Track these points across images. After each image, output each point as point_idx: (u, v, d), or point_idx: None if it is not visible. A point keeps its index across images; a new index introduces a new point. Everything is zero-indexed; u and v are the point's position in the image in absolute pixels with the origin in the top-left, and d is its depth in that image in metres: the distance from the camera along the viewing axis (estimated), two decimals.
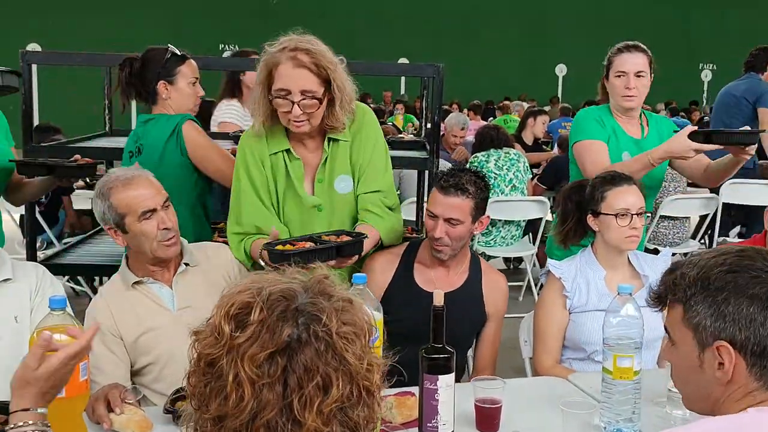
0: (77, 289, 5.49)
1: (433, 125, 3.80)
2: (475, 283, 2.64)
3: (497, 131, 5.91)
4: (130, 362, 2.31)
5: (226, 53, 15.75)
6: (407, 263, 2.63)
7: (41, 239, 5.20)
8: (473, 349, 2.75)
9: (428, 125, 4.42)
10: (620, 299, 2.01)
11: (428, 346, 1.88)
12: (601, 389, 2.03)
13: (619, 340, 1.97)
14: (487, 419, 2.01)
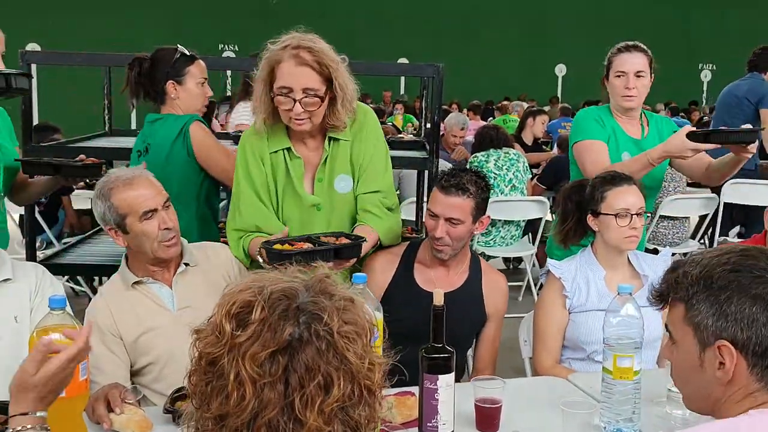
0: (77, 289, 5.49)
1: (432, 125, 3.80)
2: (475, 283, 2.64)
3: (497, 131, 5.90)
4: (129, 362, 2.31)
5: (225, 53, 15.76)
6: (407, 263, 2.63)
7: (41, 239, 5.20)
8: (473, 349, 2.75)
9: (428, 125, 4.43)
10: (620, 299, 2.01)
11: (428, 345, 1.88)
12: (601, 389, 2.02)
13: (619, 340, 1.97)
14: (487, 419, 2.01)
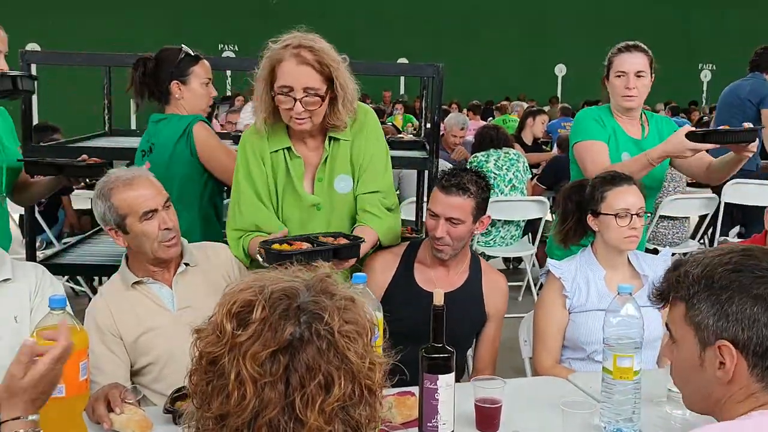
0: (77, 289, 5.49)
1: (432, 125, 3.80)
2: (475, 282, 2.64)
3: (497, 131, 5.90)
4: (129, 362, 2.30)
5: (225, 53, 15.74)
6: (407, 263, 2.63)
7: (41, 239, 5.20)
8: (473, 349, 2.75)
9: (428, 125, 4.43)
10: (620, 299, 2.00)
11: (428, 345, 1.87)
12: (601, 389, 2.02)
13: (619, 340, 1.97)
14: (487, 419, 2.01)
